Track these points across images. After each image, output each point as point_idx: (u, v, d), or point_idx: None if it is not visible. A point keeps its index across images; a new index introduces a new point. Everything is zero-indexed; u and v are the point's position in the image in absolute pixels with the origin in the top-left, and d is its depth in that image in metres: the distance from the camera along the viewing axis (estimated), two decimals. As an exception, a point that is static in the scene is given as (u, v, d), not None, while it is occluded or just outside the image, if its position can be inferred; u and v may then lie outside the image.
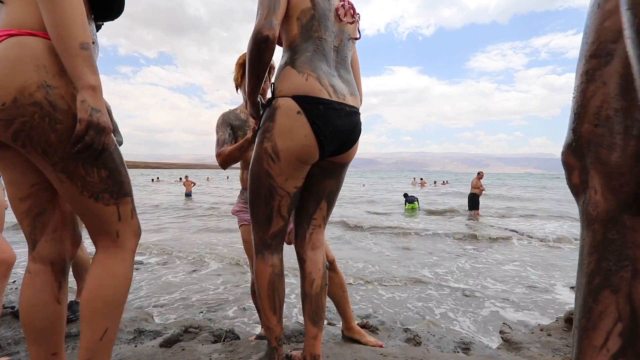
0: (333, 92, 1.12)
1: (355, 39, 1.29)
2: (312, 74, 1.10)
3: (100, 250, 0.98)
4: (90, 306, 0.94)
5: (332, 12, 1.18)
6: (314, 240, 1.33)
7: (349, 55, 1.27)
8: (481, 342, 2.21)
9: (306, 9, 1.13)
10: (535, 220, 9.71)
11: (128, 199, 1.00)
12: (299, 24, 1.13)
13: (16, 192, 0.98)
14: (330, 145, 1.15)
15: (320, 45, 1.15)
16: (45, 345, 1.00)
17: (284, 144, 1.10)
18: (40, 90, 0.81)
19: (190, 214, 10.31)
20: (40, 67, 0.82)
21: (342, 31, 1.22)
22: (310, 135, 1.09)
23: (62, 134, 0.84)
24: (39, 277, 0.99)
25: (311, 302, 1.30)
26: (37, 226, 1.00)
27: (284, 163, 1.12)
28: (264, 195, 1.18)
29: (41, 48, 0.83)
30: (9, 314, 2.10)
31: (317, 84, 1.09)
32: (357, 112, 1.23)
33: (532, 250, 5.75)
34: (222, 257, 5.04)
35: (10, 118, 0.81)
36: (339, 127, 1.14)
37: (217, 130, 1.72)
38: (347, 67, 1.25)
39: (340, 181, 1.33)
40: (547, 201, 16.03)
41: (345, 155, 1.24)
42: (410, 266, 4.67)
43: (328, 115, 1.10)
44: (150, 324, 2.30)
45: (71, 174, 0.88)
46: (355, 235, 7.13)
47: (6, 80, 0.79)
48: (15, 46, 0.81)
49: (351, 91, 1.21)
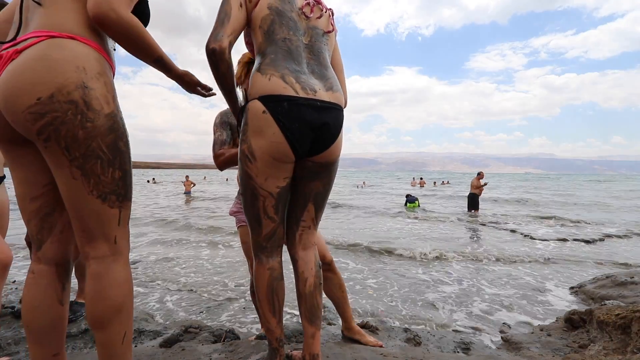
0: (300, 88, 1.12)
1: (329, 32, 1.29)
2: (276, 73, 1.12)
3: (96, 262, 0.96)
4: (103, 320, 0.95)
5: (294, 12, 1.20)
6: (304, 241, 1.33)
7: (325, 50, 1.27)
8: (481, 342, 2.21)
9: (265, 16, 1.16)
10: (535, 220, 9.71)
11: (129, 204, 1.01)
12: (261, 32, 1.17)
13: (28, 192, 0.99)
14: (301, 142, 1.14)
15: (284, 45, 1.16)
16: (47, 346, 1.00)
17: (256, 144, 1.13)
18: (78, 90, 0.87)
19: (190, 214, 10.32)
20: (80, 68, 0.88)
21: (313, 27, 1.24)
22: (278, 133, 1.11)
23: (90, 132, 0.89)
24: (43, 278, 1.00)
25: (306, 301, 1.30)
26: (45, 226, 1.01)
27: (260, 162, 1.15)
28: (249, 197, 1.21)
29: (81, 51, 0.90)
30: (9, 314, 2.10)
31: (280, 82, 1.10)
32: (334, 107, 1.20)
33: (532, 250, 5.75)
34: (222, 257, 5.04)
35: (43, 112, 0.85)
36: (308, 123, 1.13)
37: (215, 129, 1.65)
38: (323, 63, 1.24)
39: (326, 183, 1.31)
40: (547, 201, 16.04)
41: (327, 153, 1.22)
42: (410, 265, 4.67)
43: (293, 111, 1.10)
44: (150, 324, 2.30)
45: (87, 171, 0.90)
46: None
47: (46, 77, 0.84)
48: (57, 47, 0.87)
49: (327, 86, 1.20)
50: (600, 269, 4.59)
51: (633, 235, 7.17)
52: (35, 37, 0.87)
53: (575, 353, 1.86)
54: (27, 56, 0.85)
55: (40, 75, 0.84)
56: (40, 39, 0.87)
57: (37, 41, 0.86)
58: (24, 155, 0.97)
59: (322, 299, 1.36)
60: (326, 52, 1.27)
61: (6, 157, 1.01)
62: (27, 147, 0.96)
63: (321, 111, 1.15)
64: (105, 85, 0.93)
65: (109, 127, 0.92)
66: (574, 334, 2.11)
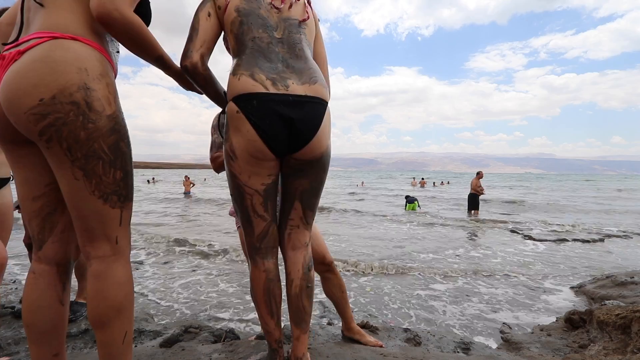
0: (271, 84, 1.11)
1: (304, 20, 1.26)
2: (245, 72, 1.13)
3: (97, 262, 0.97)
4: (103, 319, 0.95)
5: (262, 8, 1.20)
6: (294, 241, 1.32)
7: (303, 40, 1.24)
8: (481, 342, 2.21)
9: (233, 19, 1.18)
10: (535, 220, 9.71)
11: (130, 204, 1.02)
12: (233, 36, 1.19)
13: (30, 191, 1.00)
14: (275, 138, 1.13)
15: (254, 45, 1.17)
16: (48, 346, 1.00)
17: (236, 143, 1.15)
18: (80, 91, 0.87)
19: (189, 214, 10.32)
20: (82, 69, 0.88)
21: (285, 19, 1.22)
22: (251, 130, 1.12)
23: (91, 133, 0.89)
24: (44, 278, 1.00)
25: (291, 303, 1.30)
26: (47, 226, 1.01)
27: (240, 160, 1.16)
28: (237, 197, 1.22)
29: (84, 52, 0.90)
30: (9, 314, 2.10)
31: (249, 81, 1.11)
32: (310, 100, 1.16)
33: (532, 249, 5.75)
34: (222, 257, 5.04)
35: (45, 113, 0.85)
36: (279, 118, 1.12)
37: (212, 132, 1.67)
38: (301, 55, 1.21)
39: (313, 181, 1.27)
40: (547, 201, 16.04)
41: (308, 149, 1.18)
42: (409, 266, 4.67)
43: (262, 108, 1.11)
44: (150, 324, 2.30)
45: (89, 172, 0.91)
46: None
47: (48, 79, 0.84)
48: (59, 48, 0.87)
49: (303, 80, 1.16)
50: (600, 269, 4.59)
51: (633, 235, 7.17)
52: (38, 37, 0.88)
53: (575, 353, 1.86)
54: (30, 57, 0.86)
55: (43, 76, 0.84)
56: (43, 39, 0.87)
57: (40, 42, 0.87)
58: (26, 155, 0.98)
59: (312, 302, 1.34)
60: (304, 43, 1.23)
61: (8, 158, 1.01)
62: (29, 147, 0.97)
63: (294, 106, 1.12)
64: (107, 87, 0.94)
65: (110, 128, 0.93)
66: (574, 334, 2.11)
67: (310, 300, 1.32)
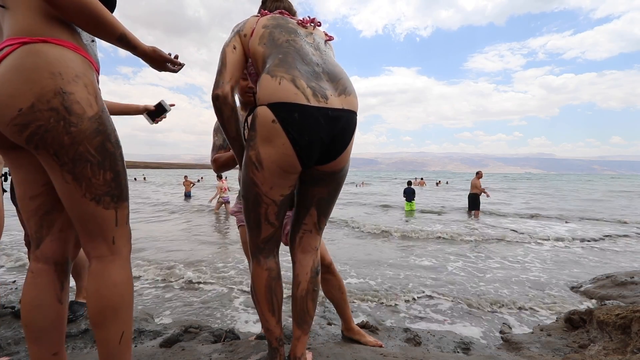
0: (312, 94, 1.06)
1: (328, 40, 1.34)
2: (286, 75, 1.07)
3: (95, 261, 0.98)
4: (100, 318, 0.95)
5: (290, 23, 1.25)
6: (304, 244, 1.32)
7: (329, 51, 1.29)
8: (481, 342, 2.21)
9: (262, 33, 1.19)
10: (535, 219, 9.71)
11: (126, 204, 1.02)
12: (262, 45, 1.18)
13: (27, 191, 1.00)
14: (310, 155, 1.10)
15: (290, 46, 1.16)
16: (47, 345, 1.00)
17: (265, 153, 1.10)
18: (57, 97, 0.85)
19: (189, 214, 10.31)
20: (56, 74, 0.86)
21: (312, 34, 1.28)
22: (288, 144, 1.07)
23: (75, 137, 0.88)
24: (42, 277, 1.00)
25: (296, 304, 1.31)
26: (45, 225, 1.01)
27: (267, 171, 1.12)
28: (251, 202, 1.20)
29: (55, 55, 0.87)
30: (9, 314, 2.09)
31: (291, 87, 1.05)
32: (347, 114, 1.13)
33: (532, 249, 5.75)
34: (222, 257, 5.04)
35: (26, 123, 0.84)
36: (319, 135, 1.08)
37: (213, 134, 1.72)
38: (331, 62, 1.22)
39: (332, 189, 1.27)
40: (546, 201, 16.03)
41: (335, 163, 1.17)
42: (408, 264, 4.67)
43: (304, 123, 1.05)
44: (150, 324, 2.30)
45: (78, 175, 0.90)
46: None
47: (23, 88, 0.83)
48: (30, 54, 0.85)
49: (340, 89, 1.14)
50: (600, 268, 4.58)
51: (633, 235, 7.17)
52: (9, 45, 0.86)
53: (575, 353, 1.86)
54: (4, 67, 0.84)
55: (17, 86, 0.83)
56: (13, 47, 0.85)
57: (11, 50, 0.85)
58: (22, 157, 0.98)
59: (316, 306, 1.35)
60: (330, 54, 1.28)
61: (5, 160, 1.02)
62: (23, 150, 0.97)
63: (333, 122, 1.09)
64: (86, 87, 0.91)
65: (94, 130, 0.91)
66: (574, 334, 2.11)
67: (315, 303, 1.34)
